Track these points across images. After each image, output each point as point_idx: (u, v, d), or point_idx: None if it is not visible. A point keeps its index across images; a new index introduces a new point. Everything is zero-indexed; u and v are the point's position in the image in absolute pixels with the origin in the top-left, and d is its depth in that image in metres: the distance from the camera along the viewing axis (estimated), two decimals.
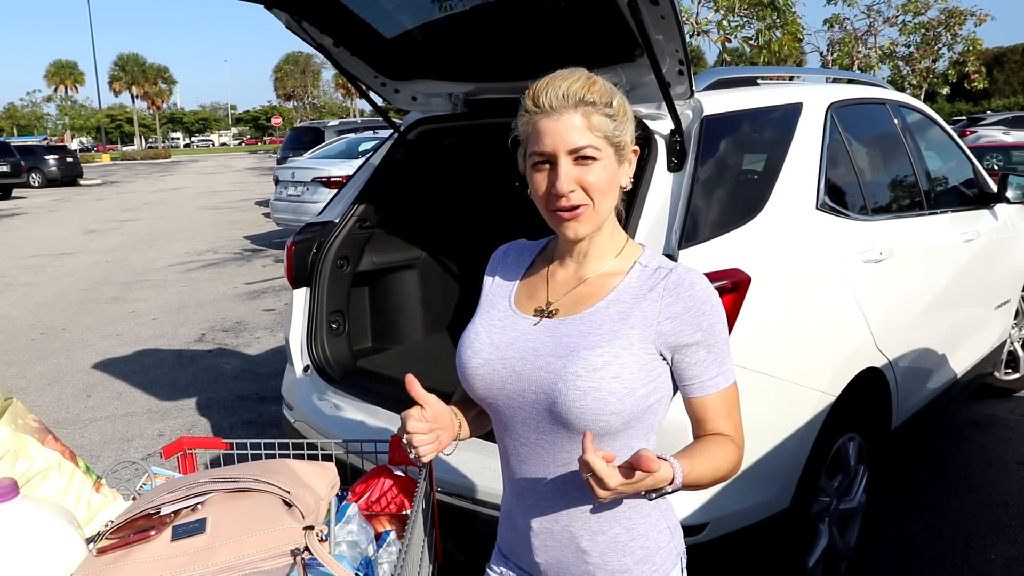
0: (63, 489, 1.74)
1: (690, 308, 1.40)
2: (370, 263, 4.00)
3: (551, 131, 1.38)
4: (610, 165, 1.41)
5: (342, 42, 3.22)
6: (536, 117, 1.39)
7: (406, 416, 1.43)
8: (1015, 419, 5.05)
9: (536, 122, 1.39)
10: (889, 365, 3.28)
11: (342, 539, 1.68)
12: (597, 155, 1.39)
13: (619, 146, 1.43)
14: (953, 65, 21.94)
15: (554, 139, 1.37)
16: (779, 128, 3.07)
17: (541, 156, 1.39)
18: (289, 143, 18.55)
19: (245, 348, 7.31)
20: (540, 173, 1.41)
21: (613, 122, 1.41)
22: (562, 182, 1.37)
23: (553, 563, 1.52)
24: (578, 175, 1.38)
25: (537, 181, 1.41)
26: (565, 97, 1.37)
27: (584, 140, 1.37)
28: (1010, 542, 3.62)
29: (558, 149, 1.37)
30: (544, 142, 1.38)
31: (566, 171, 1.38)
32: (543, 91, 1.39)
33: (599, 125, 1.39)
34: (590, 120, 1.38)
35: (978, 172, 4.72)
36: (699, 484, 1.36)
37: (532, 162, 1.41)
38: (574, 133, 1.37)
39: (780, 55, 13.89)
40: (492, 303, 1.60)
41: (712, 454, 1.39)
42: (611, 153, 1.41)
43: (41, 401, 5.98)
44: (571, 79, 1.39)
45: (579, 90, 1.38)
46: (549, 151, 1.38)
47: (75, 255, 13.58)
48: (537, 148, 1.39)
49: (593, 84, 1.40)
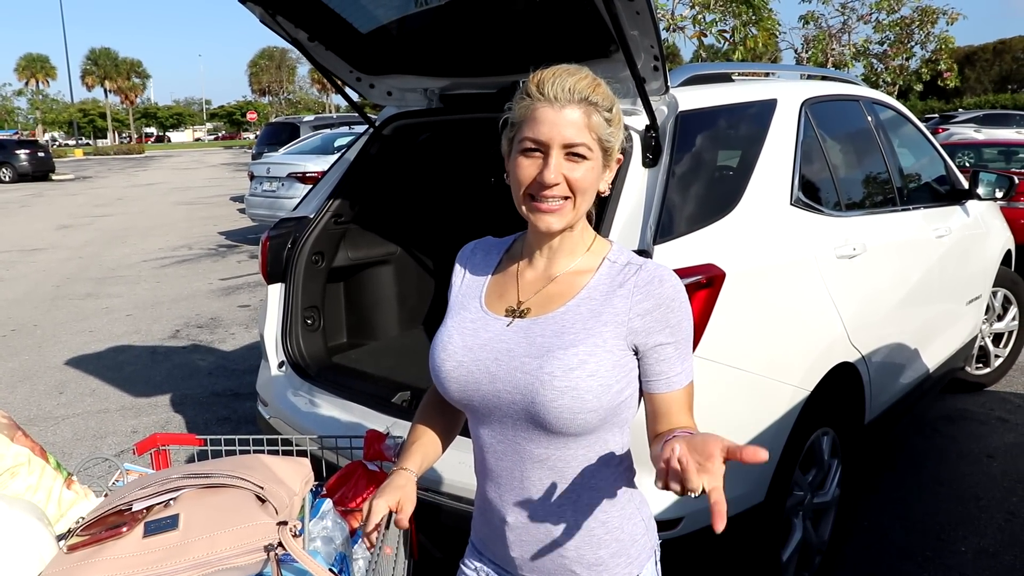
0: (33, 486, 1.73)
1: (660, 305, 1.42)
2: (345, 258, 3.98)
3: (550, 121, 1.38)
4: (596, 167, 1.43)
5: (317, 37, 3.20)
6: (537, 104, 1.39)
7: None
8: (986, 413, 5.12)
9: (536, 108, 1.39)
10: (862, 360, 3.31)
11: (316, 535, 1.67)
12: (588, 155, 1.40)
13: (608, 151, 1.44)
14: (926, 63, 22.14)
15: (551, 129, 1.38)
16: (754, 124, 3.09)
17: (534, 143, 1.39)
18: (264, 139, 18.44)
19: (220, 344, 7.26)
20: (528, 159, 1.41)
21: (609, 127, 1.42)
22: (550, 172, 1.38)
23: (529, 557, 1.52)
24: (566, 170, 1.39)
25: (523, 166, 1.41)
26: (571, 91, 1.38)
27: (580, 137, 1.38)
28: (980, 534, 3.67)
29: (553, 140, 1.38)
30: (541, 130, 1.38)
31: (556, 163, 1.38)
32: (550, 80, 1.39)
33: (596, 126, 1.40)
34: (590, 119, 1.39)
35: (950, 169, 4.77)
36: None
37: (522, 147, 1.41)
38: (572, 128, 1.38)
39: (755, 52, 13.94)
40: (463, 304, 1.59)
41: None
42: (600, 156, 1.43)
43: (12, 398, 5.91)
44: (579, 75, 1.40)
45: (585, 88, 1.39)
46: (544, 140, 1.38)
47: (47, 251, 13.42)
48: (531, 134, 1.39)
49: (599, 86, 1.42)
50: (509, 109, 1.46)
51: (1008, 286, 5.43)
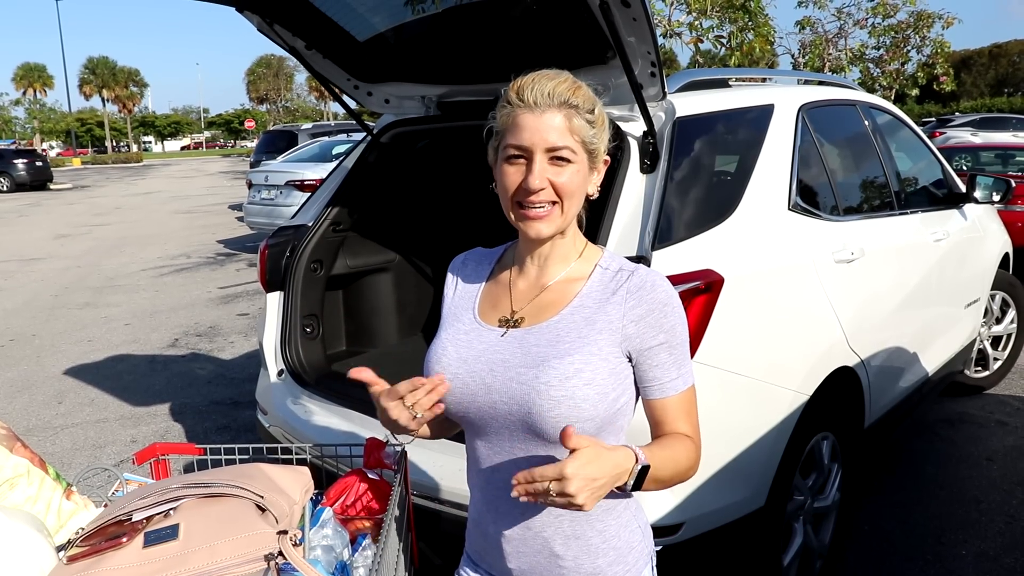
0: (32, 497, 1.72)
1: (653, 311, 1.42)
2: (344, 266, 3.98)
3: (531, 127, 1.38)
4: (582, 170, 1.42)
5: (314, 45, 3.21)
6: (518, 111, 1.39)
7: (378, 396, 1.47)
8: (985, 416, 5.12)
9: (517, 115, 1.39)
10: (861, 364, 3.31)
11: (317, 543, 1.67)
12: (572, 158, 1.40)
13: (593, 153, 1.44)
14: (922, 67, 22.17)
15: (533, 135, 1.38)
16: (751, 129, 3.09)
17: (517, 150, 1.39)
18: (262, 147, 18.44)
19: (219, 353, 7.25)
20: (513, 166, 1.41)
21: (592, 128, 1.42)
22: (535, 178, 1.37)
23: (526, 568, 1.51)
24: (550, 175, 1.39)
25: (508, 174, 1.41)
26: (550, 96, 1.38)
27: (563, 141, 1.38)
28: (981, 537, 3.66)
29: (536, 145, 1.38)
30: (523, 136, 1.38)
31: (540, 168, 1.38)
32: (529, 86, 1.39)
33: (579, 129, 1.40)
34: (571, 123, 1.39)
35: (947, 173, 4.78)
36: (660, 476, 1.36)
37: (506, 155, 1.41)
38: (554, 132, 1.38)
39: (752, 57, 13.96)
40: (456, 316, 1.59)
41: (671, 448, 1.41)
42: (585, 159, 1.42)
43: (11, 408, 5.90)
44: (558, 79, 1.40)
45: (564, 92, 1.39)
46: (527, 145, 1.38)
47: (45, 260, 13.42)
48: (514, 141, 1.39)
49: (578, 88, 1.41)
50: (493, 118, 1.46)
51: (1006, 289, 5.44)
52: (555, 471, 1.19)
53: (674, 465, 1.39)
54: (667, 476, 1.38)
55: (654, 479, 1.33)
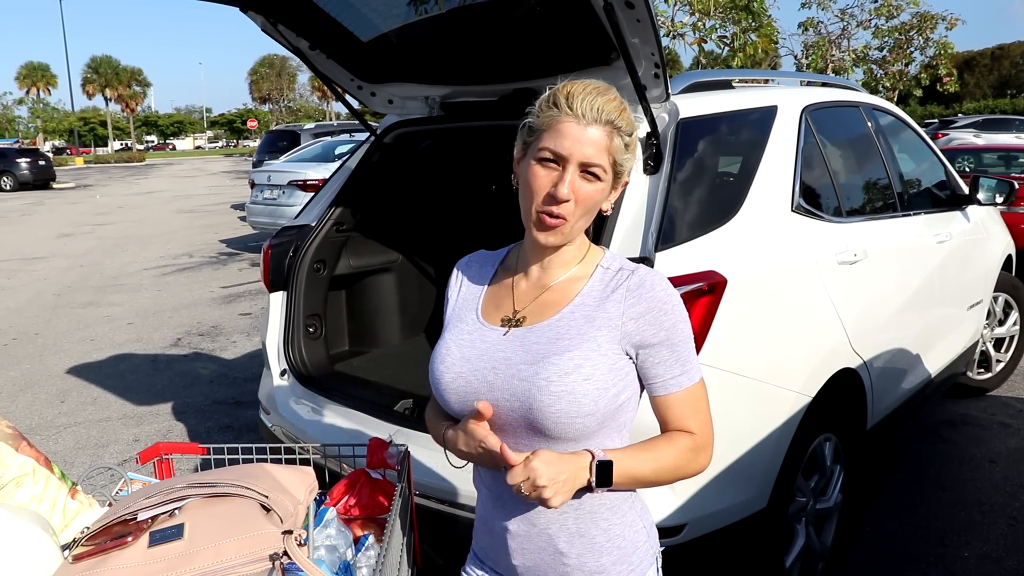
0: (38, 496, 1.73)
1: (652, 309, 1.43)
2: (347, 266, 3.99)
3: (573, 136, 1.39)
4: (606, 188, 1.45)
5: (318, 45, 3.21)
6: (563, 117, 1.40)
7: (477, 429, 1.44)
8: (987, 418, 5.11)
9: (561, 121, 1.40)
10: (864, 366, 3.31)
11: (321, 543, 1.67)
12: (602, 175, 1.42)
13: (619, 174, 1.47)
14: (925, 68, 22.18)
15: (573, 145, 1.39)
16: (754, 131, 3.09)
17: (554, 155, 1.40)
18: (265, 146, 18.44)
19: (221, 352, 7.26)
20: (544, 169, 1.42)
21: (626, 151, 1.45)
22: (564, 187, 1.39)
23: (531, 566, 1.53)
24: (577, 187, 1.40)
25: (538, 176, 1.42)
26: (599, 111, 1.40)
27: (598, 158, 1.40)
28: (983, 539, 3.66)
29: (573, 156, 1.39)
30: (563, 144, 1.39)
31: (571, 179, 1.40)
32: (579, 96, 1.40)
33: (615, 149, 1.42)
34: (611, 142, 1.41)
35: (950, 174, 4.77)
36: (638, 475, 1.40)
37: (540, 156, 1.42)
38: (592, 147, 1.39)
39: (755, 58, 13.97)
40: (460, 316, 1.61)
41: (654, 448, 1.43)
42: (611, 178, 1.45)
43: (14, 407, 5.91)
44: (607, 96, 1.42)
45: (612, 111, 1.41)
46: (564, 154, 1.39)
47: (48, 259, 13.43)
48: (552, 146, 1.40)
49: (624, 111, 1.44)
50: (530, 112, 1.47)
51: (1009, 291, 5.43)
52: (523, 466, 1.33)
53: (654, 464, 1.42)
54: (647, 474, 1.41)
55: (632, 478, 1.39)
